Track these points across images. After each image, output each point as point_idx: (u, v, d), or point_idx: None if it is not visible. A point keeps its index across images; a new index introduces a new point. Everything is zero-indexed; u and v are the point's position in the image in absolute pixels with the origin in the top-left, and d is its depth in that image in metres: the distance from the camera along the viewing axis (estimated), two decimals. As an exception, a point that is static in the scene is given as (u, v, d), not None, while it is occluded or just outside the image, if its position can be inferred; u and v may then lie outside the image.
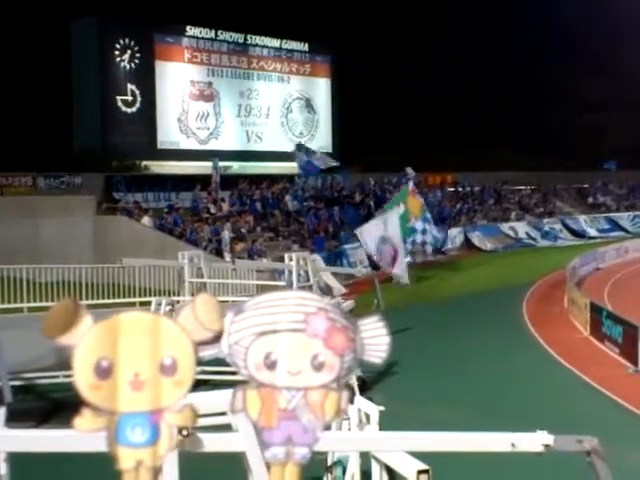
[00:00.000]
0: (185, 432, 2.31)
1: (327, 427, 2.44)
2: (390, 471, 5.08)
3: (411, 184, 31.99)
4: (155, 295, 17.58)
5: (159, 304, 13.76)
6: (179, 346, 2.24)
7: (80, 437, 2.32)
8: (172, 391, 2.26)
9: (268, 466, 2.44)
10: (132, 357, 2.23)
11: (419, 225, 30.90)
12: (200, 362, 2.34)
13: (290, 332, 2.25)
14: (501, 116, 61.77)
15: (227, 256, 27.31)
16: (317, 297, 2.33)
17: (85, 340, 2.22)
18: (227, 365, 2.40)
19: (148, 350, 2.23)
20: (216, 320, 2.24)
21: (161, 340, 2.23)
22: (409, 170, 44.62)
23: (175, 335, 2.24)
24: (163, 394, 2.25)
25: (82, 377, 2.22)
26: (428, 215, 32.11)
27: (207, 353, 2.31)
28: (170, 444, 2.29)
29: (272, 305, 2.29)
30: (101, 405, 2.24)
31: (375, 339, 2.32)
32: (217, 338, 2.28)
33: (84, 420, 2.26)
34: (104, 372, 2.22)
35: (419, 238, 31.17)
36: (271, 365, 2.27)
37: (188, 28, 44.22)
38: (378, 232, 26.69)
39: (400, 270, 25.59)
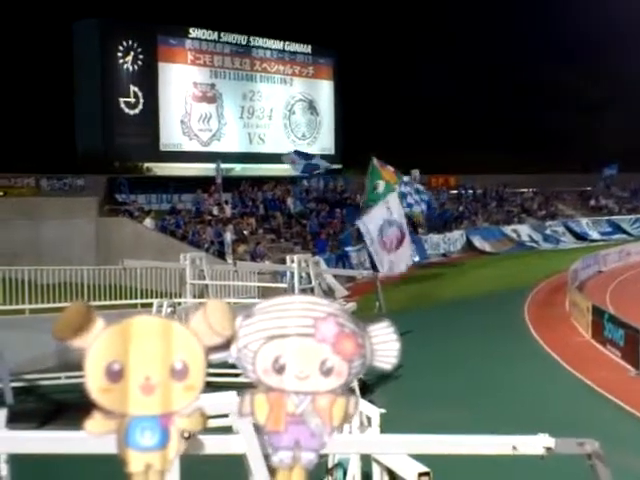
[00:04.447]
0: (187, 434, 2.33)
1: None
2: (391, 473, 5.09)
3: (374, 160, 29.73)
4: (157, 297, 17.58)
5: (160, 306, 13.77)
6: (190, 351, 2.26)
7: (90, 439, 2.35)
8: (182, 395, 2.28)
9: (273, 470, 2.46)
10: (143, 361, 2.25)
11: (403, 188, 30.80)
12: (207, 365, 2.36)
13: (299, 337, 2.27)
14: (504, 119, 61.78)
15: (229, 258, 27.34)
16: (326, 302, 2.35)
17: (97, 343, 2.24)
18: (230, 367, 2.42)
19: (159, 354, 2.25)
20: (227, 325, 2.26)
21: (172, 344, 2.25)
22: (415, 172, 44.54)
23: (186, 339, 2.26)
24: (173, 398, 2.28)
25: (93, 380, 2.25)
26: (405, 178, 31.99)
27: (216, 357, 2.33)
28: (179, 448, 2.31)
29: (281, 309, 2.31)
30: (112, 408, 2.27)
31: (385, 344, 2.33)
32: (228, 343, 2.30)
33: (95, 423, 2.29)
34: (115, 375, 2.24)
35: (411, 199, 31.36)
36: (279, 369, 2.29)
37: (191, 30, 44.22)
38: (382, 216, 26.22)
39: (404, 254, 25.05)
